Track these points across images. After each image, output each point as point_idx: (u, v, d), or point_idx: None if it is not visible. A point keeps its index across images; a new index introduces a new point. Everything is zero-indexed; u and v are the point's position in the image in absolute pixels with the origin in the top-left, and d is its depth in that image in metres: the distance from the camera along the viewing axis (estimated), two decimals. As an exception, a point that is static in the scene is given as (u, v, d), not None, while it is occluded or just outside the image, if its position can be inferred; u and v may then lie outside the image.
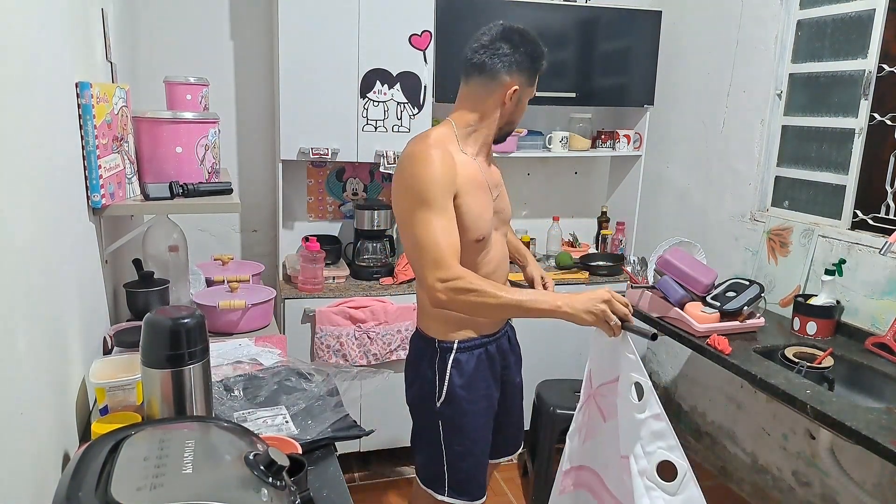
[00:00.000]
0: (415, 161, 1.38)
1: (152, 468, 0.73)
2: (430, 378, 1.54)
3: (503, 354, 1.63)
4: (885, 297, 2.01)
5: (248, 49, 2.66)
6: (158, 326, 1.01)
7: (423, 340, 1.57)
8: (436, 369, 1.53)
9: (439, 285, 1.31)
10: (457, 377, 1.52)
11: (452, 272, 1.31)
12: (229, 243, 2.76)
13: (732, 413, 2.65)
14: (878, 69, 2.11)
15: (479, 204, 1.45)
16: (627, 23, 2.80)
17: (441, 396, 1.53)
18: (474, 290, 1.31)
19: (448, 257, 1.32)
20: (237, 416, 1.27)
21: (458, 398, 1.52)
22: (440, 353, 1.53)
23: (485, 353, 1.56)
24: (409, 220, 1.36)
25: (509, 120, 1.51)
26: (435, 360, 1.53)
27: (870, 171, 2.17)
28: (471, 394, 1.53)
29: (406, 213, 1.38)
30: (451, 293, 1.31)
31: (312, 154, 2.45)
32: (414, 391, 1.60)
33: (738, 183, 2.63)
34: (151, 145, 1.60)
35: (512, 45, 1.44)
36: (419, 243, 1.34)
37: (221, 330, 1.75)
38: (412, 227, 1.36)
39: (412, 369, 1.61)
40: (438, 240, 1.32)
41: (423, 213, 1.34)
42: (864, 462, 2.01)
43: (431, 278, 1.31)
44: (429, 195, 1.34)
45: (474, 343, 1.54)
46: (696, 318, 2.08)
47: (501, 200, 1.59)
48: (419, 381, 1.57)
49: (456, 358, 1.52)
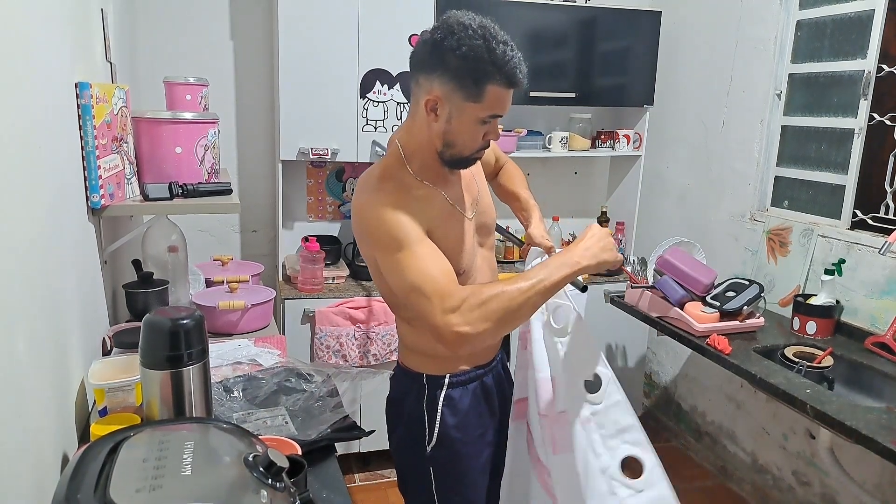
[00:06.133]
0: (369, 209, 1.17)
1: (151, 470, 0.73)
2: (419, 419, 1.33)
3: (500, 385, 1.44)
4: (885, 296, 2.01)
5: (248, 49, 2.66)
6: (157, 327, 1.01)
7: (408, 377, 1.36)
8: (424, 409, 1.33)
9: (453, 318, 1.07)
10: (449, 416, 1.32)
11: (458, 296, 1.09)
12: (229, 244, 2.76)
13: (732, 413, 2.65)
14: (877, 69, 2.11)
15: (453, 235, 1.25)
16: (627, 23, 2.80)
17: (431, 440, 1.33)
18: (492, 297, 1.08)
19: (448, 284, 1.11)
20: (236, 417, 1.27)
21: (451, 440, 1.33)
22: (429, 389, 1.33)
23: (480, 388, 1.37)
24: (390, 267, 1.15)
25: (447, 141, 1.19)
26: (423, 399, 1.33)
27: (869, 170, 2.17)
28: (466, 435, 1.34)
29: (383, 263, 1.17)
30: (470, 316, 1.07)
31: (312, 154, 2.45)
32: (399, 435, 1.39)
33: (737, 183, 2.63)
34: (151, 146, 1.60)
35: (436, 44, 1.12)
36: (410, 285, 1.12)
37: (221, 330, 1.75)
38: (395, 272, 1.14)
39: (396, 410, 1.39)
40: (431, 271, 1.12)
41: (401, 253, 1.13)
42: (864, 461, 2.01)
43: (440, 316, 1.08)
44: (399, 234, 1.13)
45: (468, 376, 1.35)
46: (695, 317, 2.08)
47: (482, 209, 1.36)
48: (405, 424, 1.36)
49: (448, 395, 1.32)
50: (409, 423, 1.35)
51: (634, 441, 1.18)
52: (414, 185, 1.22)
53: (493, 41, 1.10)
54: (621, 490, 1.16)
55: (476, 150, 1.23)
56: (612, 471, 1.17)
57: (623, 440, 1.19)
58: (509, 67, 1.11)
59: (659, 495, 1.13)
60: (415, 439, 1.35)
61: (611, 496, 1.16)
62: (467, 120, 1.16)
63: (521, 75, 1.14)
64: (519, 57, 1.13)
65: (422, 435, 1.34)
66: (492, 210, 1.41)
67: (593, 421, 1.20)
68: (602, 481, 1.17)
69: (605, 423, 1.20)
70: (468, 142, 1.19)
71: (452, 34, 1.10)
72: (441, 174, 1.27)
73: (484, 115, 1.15)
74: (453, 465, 1.35)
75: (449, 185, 1.28)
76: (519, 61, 1.13)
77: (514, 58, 1.12)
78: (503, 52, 1.10)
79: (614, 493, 1.16)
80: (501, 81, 1.12)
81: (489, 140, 1.22)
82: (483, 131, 1.19)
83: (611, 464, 1.17)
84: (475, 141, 1.20)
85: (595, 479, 1.17)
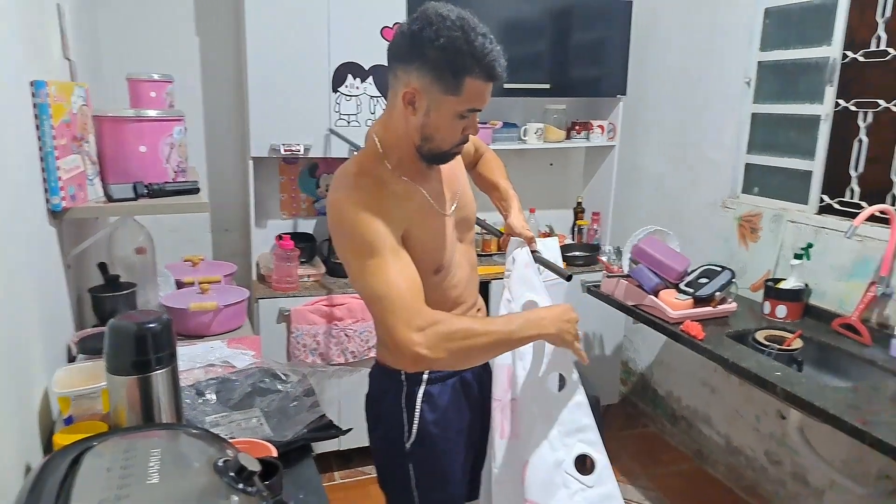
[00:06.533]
0: (344, 208, 1.14)
1: (116, 479, 0.71)
2: (397, 416, 1.32)
3: (480, 379, 1.42)
4: (851, 279, 2.06)
5: (215, 44, 2.60)
6: (123, 332, 0.99)
7: (386, 374, 1.34)
8: (403, 406, 1.32)
9: (416, 337, 1.07)
10: (429, 413, 1.32)
11: (426, 317, 1.09)
12: (200, 244, 2.71)
13: (706, 397, 2.70)
14: (842, 56, 2.15)
15: (432, 232, 1.24)
16: (599, 13, 2.80)
17: (411, 436, 1.32)
18: (460, 330, 1.10)
19: (416, 302, 1.11)
20: (210, 421, 1.25)
21: (431, 437, 1.32)
22: (407, 386, 1.32)
23: (459, 382, 1.36)
24: (360, 271, 1.14)
25: (426, 135, 1.17)
26: (401, 396, 1.32)
27: (835, 156, 2.21)
28: (446, 430, 1.34)
29: (353, 266, 1.15)
30: (432, 341, 1.08)
31: (284, 150, 2.42)
32: (378, 433, 1.38)
33: (710, 171, 2.66)
34: (114, 145, 1.56)
35: (414, 35, 1.10)
36: (377, 294, 1.11)
37: (193, 332, 1.72)
38: (364, 278, 1.13)
39: (374, 408, 1.38)
40: (399, 285, 1.10)
41: (373, 260, 1.12)
42: (833, 440, 2.05)
43: (403, 330, 1.08)
44: (373, 239, 1.12)
45: (447, 371, 1.33)
46: (670, 305, 2.11)
47: (463, 204, 1.35)
48: (384, 422, 1.35)
49: (427, 391, 1.32)
50: (389, 420, 1.34)
51: (589, 441, 1.26)
52: (392, 180, 1.19)
53: (471, 33, 1.08)
54: (573, 484, 1.23)
55: (455, 145, 1.20)
56: (566, 465, 1.24)
57: (579, 439, 1.26)
58: (488, 60, 1.09)
59: (607, 493, 1.22)
60: (394, 437, 1.34)
61: (563, 488, 1.23)
62: (446, 113, 1.14)
63: (501, 69, 1.12)
64: (498, 50, 1.11)
65: (401, 432, 1.33)
66: (472, 204, 1.39)
67: (555, 417, 1.27)
68: (556, 473, 1.24)
69: (565, 421, 1.26)
70: (447, 136, 1.17)
71: (431, 25, 1.08)
72: (420, 169, 1.24)
73: (462, 108, 1.13)
74: (433, 462, 1.34)
75: (428, 180, 1.26)
76: (498, 54, 1.11)
77: (493, 51, 1.10)
78: (482, 45, 1.08)
79: (567, 486, 1.23)
80: (480, 75, 1.10)
81: (468, 134, 1.20)
82: (462, 125, 1.17)
83: (565, 459, 1.25)
84: (454, 135, 1.18)
85: (549, 471, 1.24)
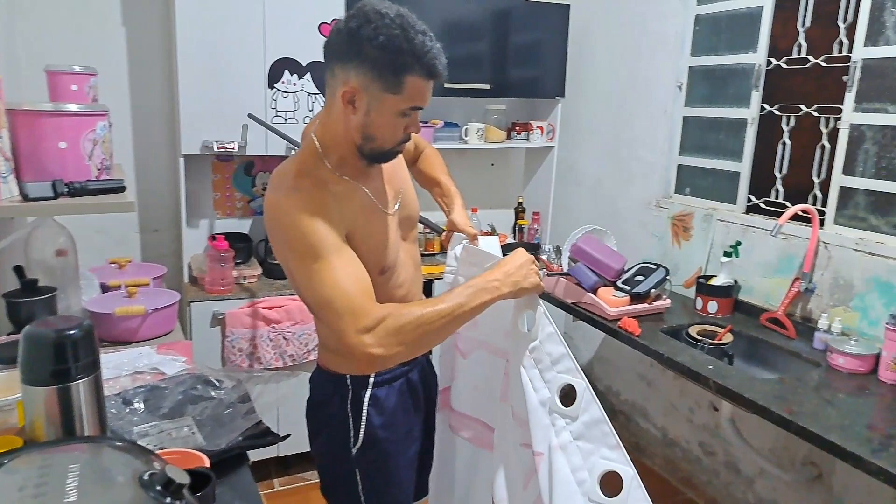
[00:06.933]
0: (283, 210, 1.10)
1: (29, 499, 0.66)
2: (343, 422, 1.29)
3: (426, 379, 1.42)
4: (777, 275, 2.17)
5: (143, 35, 2.48)
6: (39, 340, 0.92)
7: (329, 378, 1.30)
8: (349, 411, 1.28)
9: (367, 338, 1.05)
10: (375, 417, 1.29)
11: (374, 315, 1.06)
12: (128, 245, 2.58)
13: (644, 391, 2.78)
14: (767, 62, 2.26)
15: (376, 232, 1.22)
16: (537, 15, 2.85)
17: (358, 441, 1.29)
18: (409, 321, 1.07)
19: (364, 302, 1.08)
20: (138, 431, 1.18)
21: (378, 440, 1.29)
22: (353, 390, 1.28)
23: (406, 384, 1.35)
24: (303, 275, 1.10)
25: (367, 135, 1.14)
26: (347, 401, 1.28)
27: (761, 158, 2.33)
28: (393, 433, 1.31)
29: (296, 270, 1.12)
30: (384, 339, 1.06)
31: (217, 148, 2.33)
32: (322, 440, 1.33)
33: (644, 172, 2.75)
34: (31, 140, 1.45)
35: (352, 33, 1.07)
36: (324, 299, 1.08)
37: (119, 338, 1.63)
38: (308, 281, 1.10)
39: (318, 413, 1.34)
40: (345, 287, 1.08)
41: (317, 264, 1.08)
42: (761, 429, 2.16)
43: (353, 335, 1.05)
44: (315, 242, 1.08)
45: (393, 374, 1.31)
46: (608, 302, 2.16)
47: (406, 202, 1.33)
48: (329, 428, 1.31)
49: (373, 394, 1.28)
50: (334, 426, 1.30)
51: (566, 369, 1.19)
52: (332, 180, 1.17)
53: (411, 31, 1.06)
54: (559, 421, 1.17)
55: (397, 144, 1.18)
56: (551, 403, 1.18)
57: (557, 371, 1.19)
58: (429, 58, 1.08)
59: (592, 419, 1.15)
60: (340, 442, 1.30)
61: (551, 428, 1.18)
62: (387, 112, 1.12)
63: (442, 66, 1.11)
64: (438, 47, 1.10)
65: (347, 437, 1.29)
66: (415, 202, 1.37)
67: (531, 358, 1.21)
68: (542, 414, 1.18)
69: (542, 358, 1.21)
70: (388, 135, 1.15)
71: (369, 22, 1.06)
72: (361, 168, 1.21)
73: (404, 106, 1.12)
74: (381, 466, 1.32)
75: (369, 179, 1.23)
76: (438, 52, 1.10)
77: (433, 48, 1.09)
78: (422, 43, 1.07)
79: (553, 423, 1.18)
80: (421, 73, 1.09)
81: (410, 133, 1.18)
82: (403, 124, 1.15)
83: (548, 395, 1.19)
84: (395, 134, 1.16)
85: (536, 413, 1.19)
